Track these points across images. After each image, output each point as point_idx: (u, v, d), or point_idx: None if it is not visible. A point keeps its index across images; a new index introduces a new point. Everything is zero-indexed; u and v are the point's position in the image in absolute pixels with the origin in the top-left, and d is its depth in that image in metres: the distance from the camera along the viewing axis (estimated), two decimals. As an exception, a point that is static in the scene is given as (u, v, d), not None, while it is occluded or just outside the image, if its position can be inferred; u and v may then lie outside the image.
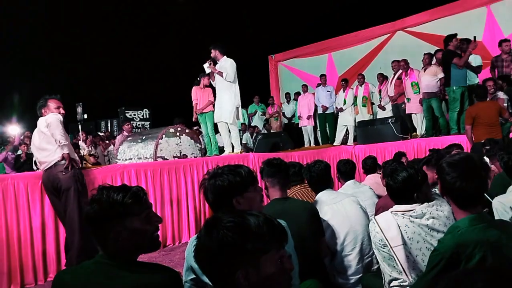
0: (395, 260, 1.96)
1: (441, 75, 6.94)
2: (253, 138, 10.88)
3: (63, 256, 4.04)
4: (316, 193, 2.91)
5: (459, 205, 1.64)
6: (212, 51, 6.32)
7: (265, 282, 0.99)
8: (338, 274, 2.60)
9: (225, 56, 6.33)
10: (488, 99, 5.82)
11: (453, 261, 1.50)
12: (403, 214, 2.04)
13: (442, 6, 10.02)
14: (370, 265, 2.66)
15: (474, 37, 6.33)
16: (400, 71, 7.93)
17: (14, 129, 13.22)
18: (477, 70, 6.90)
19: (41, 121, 3.94)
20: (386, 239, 1.98)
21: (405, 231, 1.99)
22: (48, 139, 3.86)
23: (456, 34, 6.70)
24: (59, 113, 3.99)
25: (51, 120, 3.85)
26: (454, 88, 6.43)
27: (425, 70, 7.29)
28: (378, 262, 2.23)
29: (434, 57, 7.44)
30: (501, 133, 5.34)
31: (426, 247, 1.98)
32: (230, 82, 6.25)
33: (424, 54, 7.45)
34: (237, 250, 0.98)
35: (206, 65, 6.27)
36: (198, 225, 5.37)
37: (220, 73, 6.23)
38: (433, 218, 2.02)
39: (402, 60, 7.75)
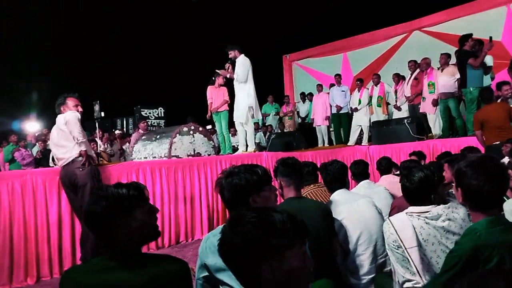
0: (409, 262, 1.93)
1: (458, 75, 6.83)
2: (267, 137, 10.88)
3: (78, 250, 4.12)
4: (331, 193, 2.90)
5: (479, 207, 1.59)
6: (231, 52, 6.39)
7: (289, 277, 1.01)
8: (351, 274, 2.58)
9: (242, 55, 6.39)
10: (499, 101, 5.69)
11: (470, 264, 1.48)
12: (418, 215, 2.01)
13: (460, 6, 9.85)
14: (383, 265, 2.64)
15: (490, 38, 6.19)
16: (418, 71, 7.83)
17: (32, 127, 13.54)
18: (487, 70, 6.75)
19: (59, 119, 4.03)
20: (401, 240, 1.95)
21: (420, 233, 1.96)
22: (66, 136, 3.94)
23: (471, 34, 6.58)
24: (77, 111, 4.08)
25: (69, 118, 3.93)
26: (471, 89, 6.31)
27: (442, 70, 7.18)
28: (391, 263, 2.20)
29: (453, 57, 7.31)
30: None
31: (441, 250, 1.95)
32: (243, 82, 6.30)
33: (441, 54, 7.32)
34: (262, 245, 0.99)
35: (217, 71, 6.44)
36: (211, 222, 5.41)
37: (232, 76, 6.33)
38: (449, 220, 1.99)
39: (424, 59, 7.61)
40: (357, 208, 2.65)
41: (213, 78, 7.26)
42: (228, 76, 6.38)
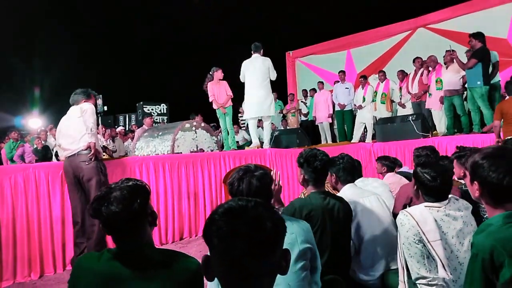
0: (428, 257, 1.87)
1: (463, 72, 6.77)
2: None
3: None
4: (343, 185, 2.76)
5: (497, 202, 1.50)
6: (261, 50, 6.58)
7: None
8: (360, 270, 2.53)
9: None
10: None
11: (492, 263, 1.39)
12: (437, 209, 1.95)
13: (466, 3, 9.79)
14: (391, 263, 2.58)
15: (450, 46, 6.82)
16: (422, 69, 7.77)
17: (35, 123, 13.53)
18: (495, 65, 6.69)
19: (75, 109, 4.01)
20: (423, 233, 1.88)
21: (440, 226, 1.91)
22: (76, 127, 3.90)
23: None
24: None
25: (87, 107, 3.93)
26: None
27: (447, 67, 7.13)
28: (400, 259, 2.14)
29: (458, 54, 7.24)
30: None
31: (460, 243, 1.91)
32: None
33: (446, 51, 7.26)
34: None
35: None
36: (215, 219, 5.37)
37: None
38: (465, 209, 1.96)
39: (430, 56, 7.55)
40: (369, 205, 2.58)
41: (211, 73, 7.20)
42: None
